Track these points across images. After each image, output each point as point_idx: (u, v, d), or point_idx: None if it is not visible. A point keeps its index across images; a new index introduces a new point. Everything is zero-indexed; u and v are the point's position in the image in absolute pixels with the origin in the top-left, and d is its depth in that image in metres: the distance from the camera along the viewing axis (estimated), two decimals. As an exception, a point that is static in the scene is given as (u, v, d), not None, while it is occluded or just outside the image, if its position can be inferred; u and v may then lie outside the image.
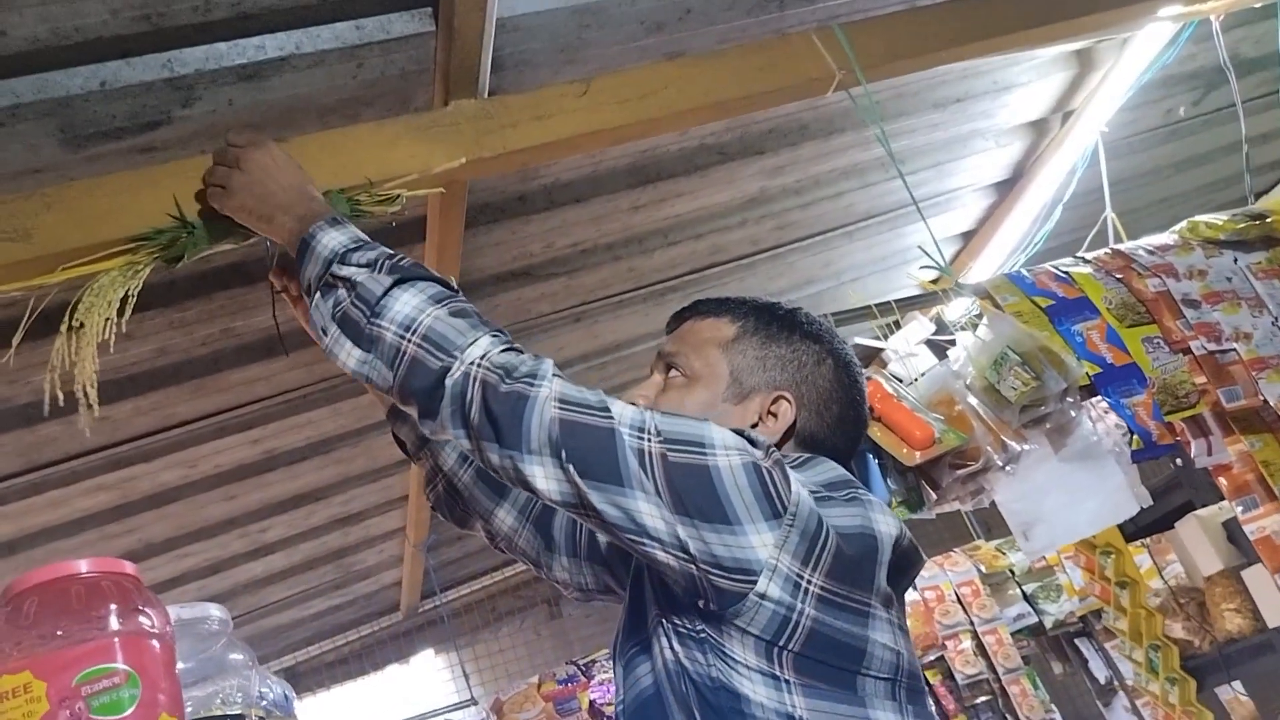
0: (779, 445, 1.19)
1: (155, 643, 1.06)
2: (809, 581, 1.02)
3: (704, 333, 1.26)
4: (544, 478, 1.06)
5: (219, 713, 1.30)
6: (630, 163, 2.57)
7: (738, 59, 2.15)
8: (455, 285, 1.24)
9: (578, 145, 2.03)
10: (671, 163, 2.66)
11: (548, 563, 1.48)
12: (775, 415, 1.20)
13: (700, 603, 1.04)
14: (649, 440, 1.04)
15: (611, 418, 1.06)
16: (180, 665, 1.18)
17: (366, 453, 3.45)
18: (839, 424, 1.23)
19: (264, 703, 1.43)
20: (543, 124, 1.96)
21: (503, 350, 1.13)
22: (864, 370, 2.27)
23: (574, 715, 3.89)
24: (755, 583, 1.00)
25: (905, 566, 1.12)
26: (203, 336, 2.42)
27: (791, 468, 1.09)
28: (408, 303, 1.17)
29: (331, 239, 1.27)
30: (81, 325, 1.64)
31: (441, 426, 1.14)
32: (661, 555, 1.03)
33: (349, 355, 1.20)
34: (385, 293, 1.18)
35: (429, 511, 4.00)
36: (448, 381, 1.11)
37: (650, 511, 1.02)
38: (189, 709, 1.26)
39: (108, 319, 1.65)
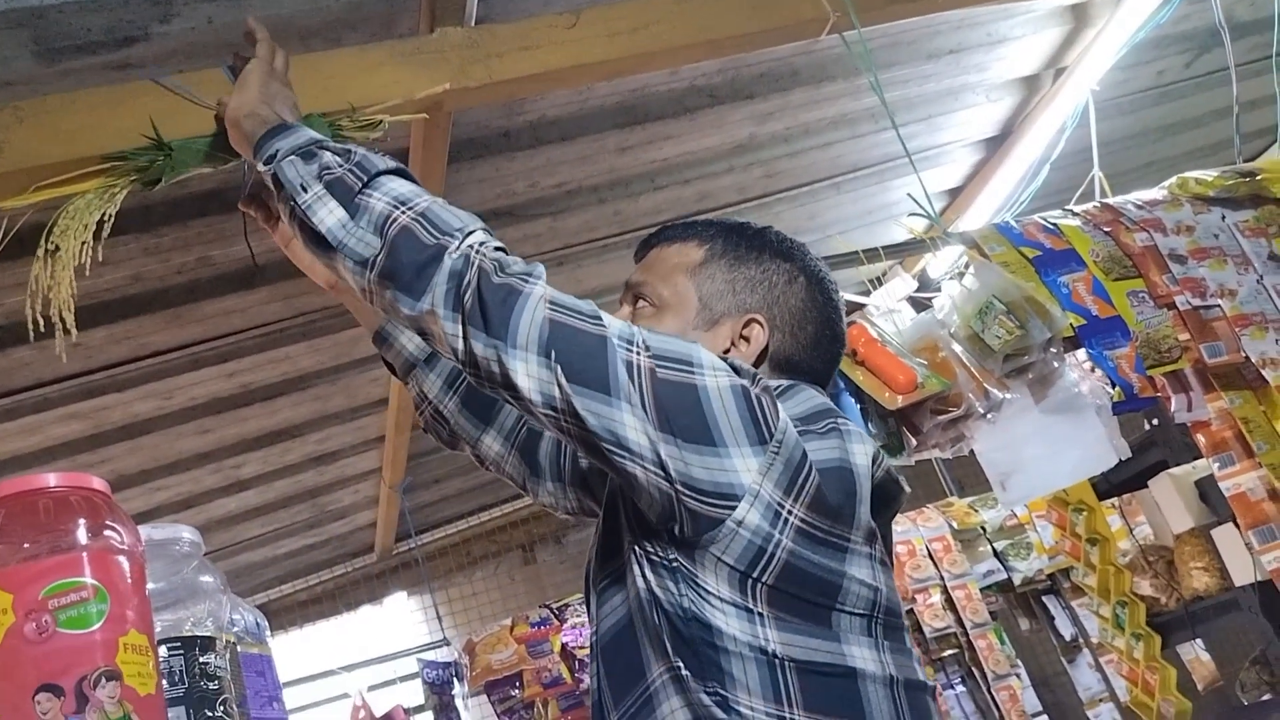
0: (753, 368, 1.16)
1: (124, 559, 1.05)
2: (789, 512, 1.00)
3: (671, 259, 1.23)
4: (527, 375, 1.03)
5: (190, 634, 1.28)
6: (618, 101, 2.53)
7: (731, -4, 2.12)
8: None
9: (565, 78, 2.00)
10: (660, 103, 2.62)
11: (534, 488, 1.48)
12: (747, 339, 1.17)
13: (675, 528, 1.01)
14: (638, 353, 1.02)
15: (604, 325, 1.04)
16: (151, 586, 1.17)
17: (344, 391, 3.43)
18: (814, 344, 1.20)
19: (235, 628, 1.42)
20: (530, 55, 1.92)
21: (496, 246, 1.11)
22: (849, 317, 2.27)
23: (546, 657, 3.92)
24: (734, 508, 0.98)
25: (886, 499, 1.10)
26: (179, 264, 2.38)
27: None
28: (405, 186, 1.14)
29: (315, 135, 1.24)
30: (57, 249, 1.61)
31: (429, 306, 1.08)
32: (639, 472, 1.01)
33: (330, 214, 1.14)
34: (383, 172, 1.15)
35: (405, 453, 3.99)
36: (446, 259, 1.07)
37: (634, 425, 1.00)
38: (158, 630, 1.25)
39: (84, 243, 1.62)
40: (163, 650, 1.18)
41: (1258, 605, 2.41)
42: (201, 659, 1.23)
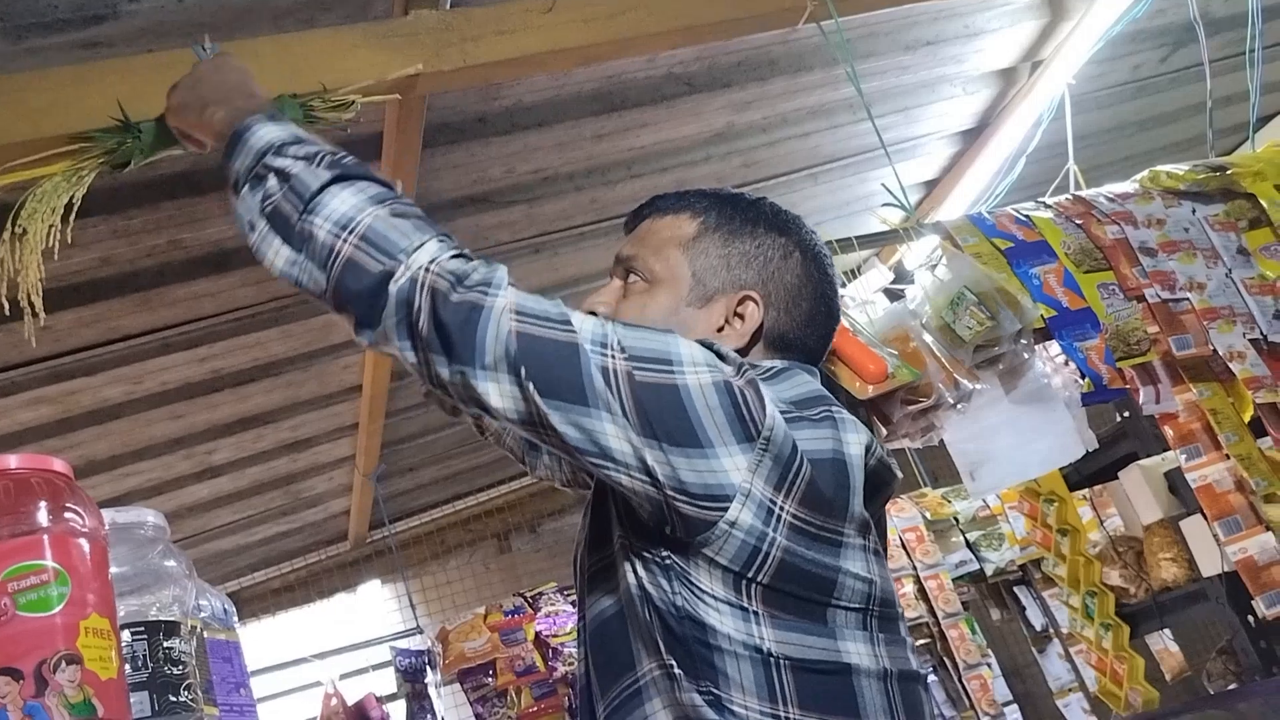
0: (748, 347, 1.14)
1: (85, 542, 1.04)
2: (782, 508, 0.97)
3: (663, 232, 1.18)
4: (499, 395, 0.99)
5: (154, 619, 1.27)
6: (595, 88, 2.52)
7: (708, -17, 2.11)
8: (400, 189, 1.15)
9: (541, 63, 1.99)
10: (637, 91, 2.61)
11: (531, 462, 1.47)
12: (742, 317, 1.13)
13: (667, 529, 0.98)
14: (613, 357, 0.97)
15: (574, 331, 0.98)
16: (115, 570, 1.16)
17: (317, 378, 3.41)
18: (809, 321, 1.16)
19: (202, 614, 1.41)
20: (505, 39, 1.91)
21: (453, 255, 1.04)
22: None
23: (519, 645, 3.92)
24: (726, 510, 0.95)
25: (879, 485, 1.07)
26: (148, 247, 2.35)
27: (762, 380, 1.03)
28: (346, 200, 1.07)
29: (268, 132, 1.16)
30: (25, 232, 1.59)
31: (384, 337, 1.04)
32: (626, 480, 0.98)
33: (277, 254, 1.09)
34: (322, 188, 1.08)
35: (379, 441, 3.98)
36: (392, 287, 1.02)
37: (615, 434, 0.96)
38: (122, 614, 1.24)
39: (51, 226, 1.60)
40: (126, 635, 1.17)
41: (1224, 596, 2.44)
42: (165, 644, 1.22)
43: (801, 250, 1.17)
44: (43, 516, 1.02)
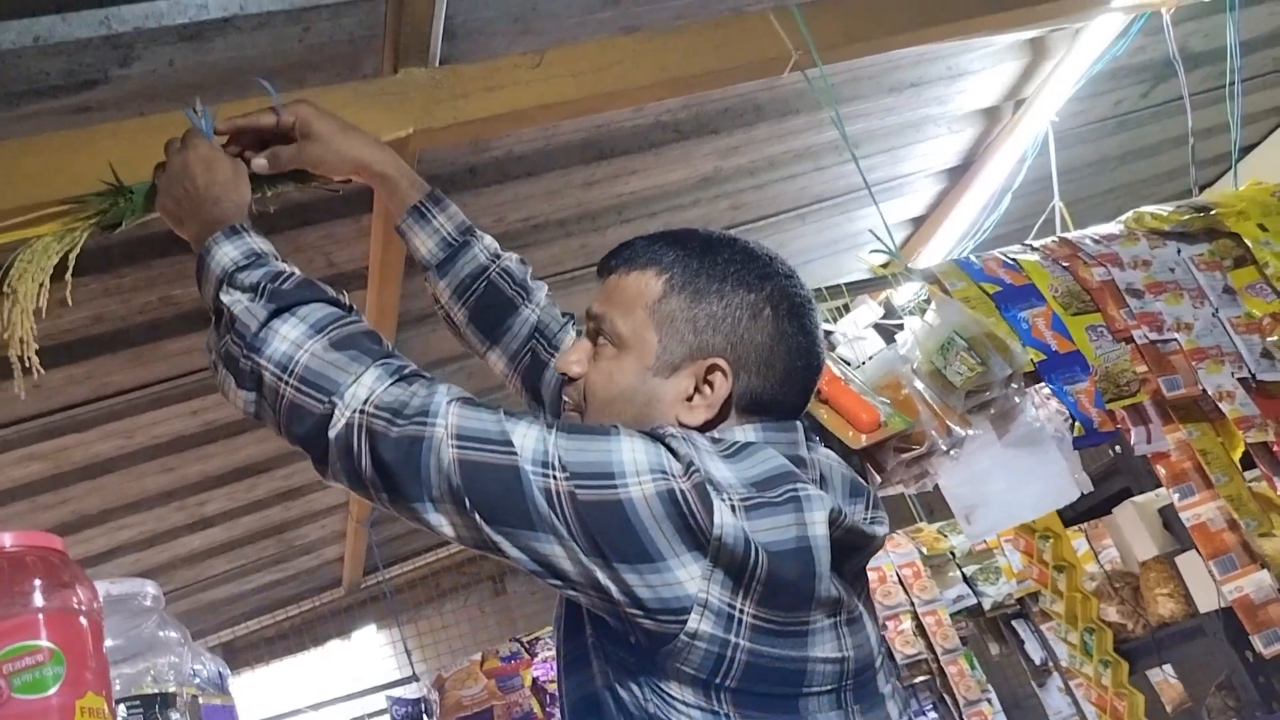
0: (719, 416, 1.08)
1: (82, 619, 1.03)
2: (742, 611, 0.94)
3: (629, 289, 1.12)
4: (450, 525, 0.99)
5: (150, 690, 1.26)
6: (584, 138, 2.54)
7: (694, 35, 2.14)
8: (347, 301, 1.14)
9: (530, 118, 2.01)
10: (626, 139, 2.64)
11: (536, 413, 1.43)
12: (711, 385, 1.07)
13: (632, 639, 0.96)
14: (555, 477, 0.95)
15: (514, 452, 0.96)
16: (110, 642, 1.15)
17: (310, 426, 3.40)
18: (785, 379, 1.09)
19: (197, 680, 1.40)
20: (495, 95, 1.93)
21: (392, 383, 1.02)
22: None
23: (517, 692, 3.89)
24: (685, 621, 0.92)
25: (850, 550, 1.04)
26: (140, 304, 2.36)
27: (723, 457, 0.99)
28: (286, 337, 1.06)
29: (224, 254, 1.14)
30: (15, 291, 1.60)
31: (337, 480, 1.04)
32: (584, 599, 0.97)
33: (236, 395, 1.09)
34: (263, 325, 1.07)
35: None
36: (330, 433, 1.01)
37: (565, 555, 0.94)
38: (117, 687, 1.23)
39: (41, 285, 1.60)
40: (121, 709, 1.16)
41: (1222, 632, 2.44)
42: (161, 716, 1.21)
43: (773, 306, 1.10)
44: (37, 595, 1.01)
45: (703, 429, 1.07)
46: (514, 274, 1.46)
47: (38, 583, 1.01)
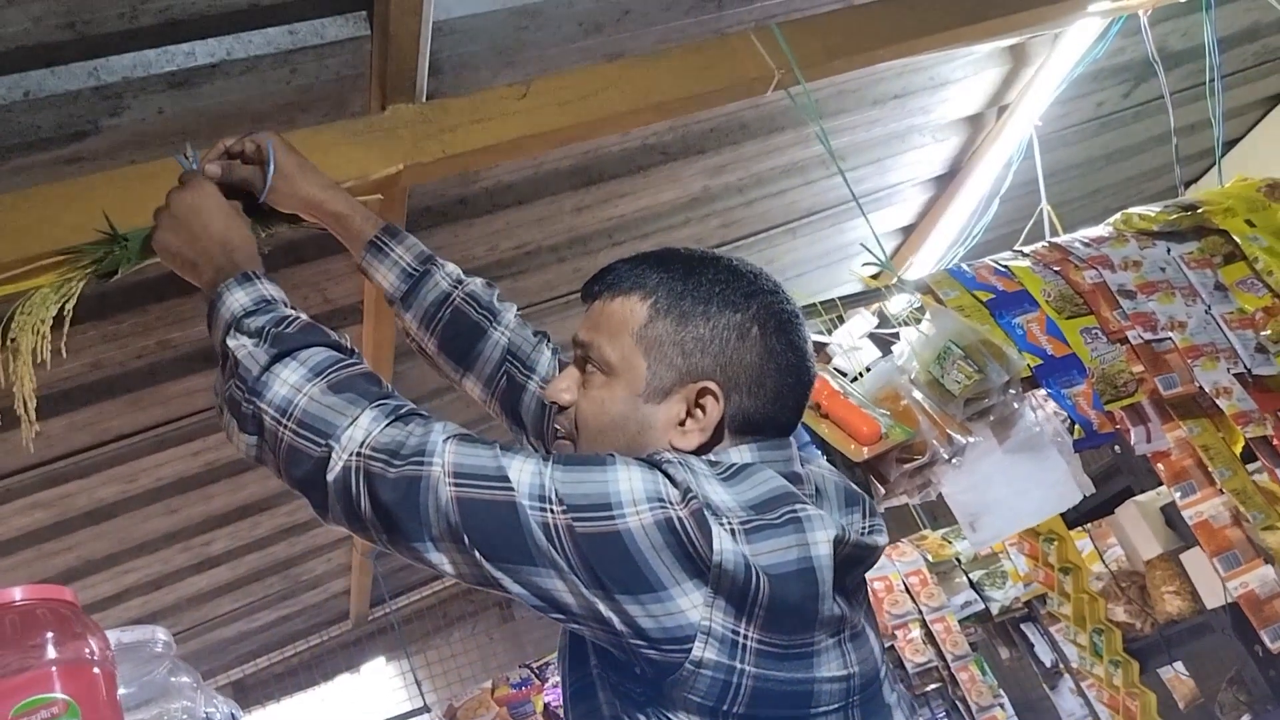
0: (712, 439, 1.08)
1: (96, 670, 1.03)
2: (746, 637, 0.94)
3: (615, 316, 1.11)
4: (451, 564, 0.98)
5: (164, 737, 1.27)
6: (572, 164, 2.56)
7: (677, 59, 2.16)
8: (349, 345, 1.13)
9: (519, 148, 2.02)
10: (614, 163, 2.65)
11: (518, 436, 1.42)
12: (704, 409, 1.07)
13: (637, 670, 0.96)
14: (552, 511, 0.95)
15: (511, 488, 0.96)
16: (122, 690, 1.15)
17: (311, 462, 3.40)
18: (776, 397, 1.09)
19: (210, 724, 1.40)
20: (482, 127, 1.94)
21: (388, 424, 1.03)
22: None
23: (529, 719, 3.88)
24: (689, 651, 0.92)
25: (854, 563, 1.04)
26: (138, 349, 2.36)
27: (721, 480, 0.99)
28: (286, 380, 1.07)
29: (234, 301, 1.14)
30: (15, 343, 1.60)
31: (337, 524, 1.05)
32: (587, 631, 0.97)
33: (239, 439, 1.10)
34: (264, 370, 1.08)
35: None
36: (329, 477, 1.01)
37: (566, 589, 0.94)
38: (133, 736, 1.23)
39: (42, 336, 1.61)
40: (137, 757, 1.16)
41: (1230, 627, 2.44)
42: (177, 763, 1.21)
43: (760, 325, 1.09)
44: (51, 649, 1.02)
45: (697, 452, 1.07)
46: (479, 298, 1.42)
47: (50, 635, 1.02)
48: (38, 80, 1.57)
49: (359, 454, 1.01)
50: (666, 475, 0.97)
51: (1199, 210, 2.31)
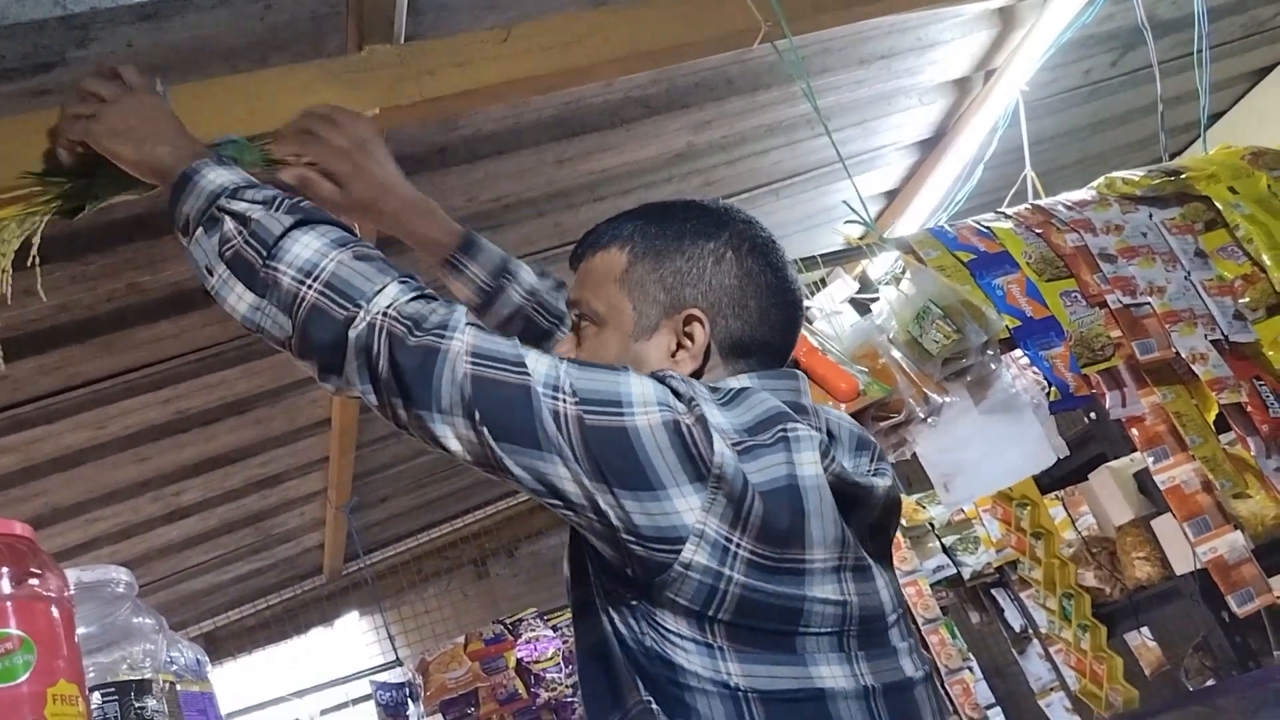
0: (704, 364, 1.11)
1: (53, 608, 1.02)
2: (738, 545, 0.96)
3: (598, 270, 1.16)
4: (455, 438, 1.00)
5: (125, 678, 1.25)
6: (554, 115, 2.52)
7: (663, 8, 2.12)
8: (357, 232, 1.15)
9: (498, 94, 1.98)
10: (596, 115, 2.61)
11: None
12: (691, 336, 1.11)
13: (628, 570, 0.99)
14: (564, 400, 0.98)
15: (527, 373, 0.99)
16: (84, 630, 1.13)
17: (285, 413, 3.37)
18: (763, 317, 1.12)
19: (174, 667, 1.39)
20: (461, 71, 1.90)
21: (412, 298, 1.05)
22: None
23: (501, 674, 3.89)
24: (680, 551, 0.95)
25: (850, 502, 1.03)
26: (107, 292, 2.32)
27: (720, 405, 1.01)
28: (309, 245, 1.08)
29: (219, 175, 1.15)
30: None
31: (347, 383, 1.06)
32: (582, 521, 0.99)
33: (239, 300, 1.10)
34: (284, 233, 1.08)
35: (350, 474, 3.94)
36: (351, 333, 1.03)
37: (568, 477, 0.97)
38: (92, 675, 1.21)
39: (4, 272, 1.58)
40: (96, 697, 1.15)
41: (1198, 593, 2.46)
42: (138, 704, 1.20)
43: (734, 249, 1.13)
44: (4, 584, 1.00)
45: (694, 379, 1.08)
46: (549, 307, 1.46)
47: (4, 571, 1.00)
48: (2, 8, 1.52)
49: (385, 314, 1.03)
50: (672, 389, 1.00)
51: (1182, 176, 2.30)
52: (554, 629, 4.19)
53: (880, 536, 1.12)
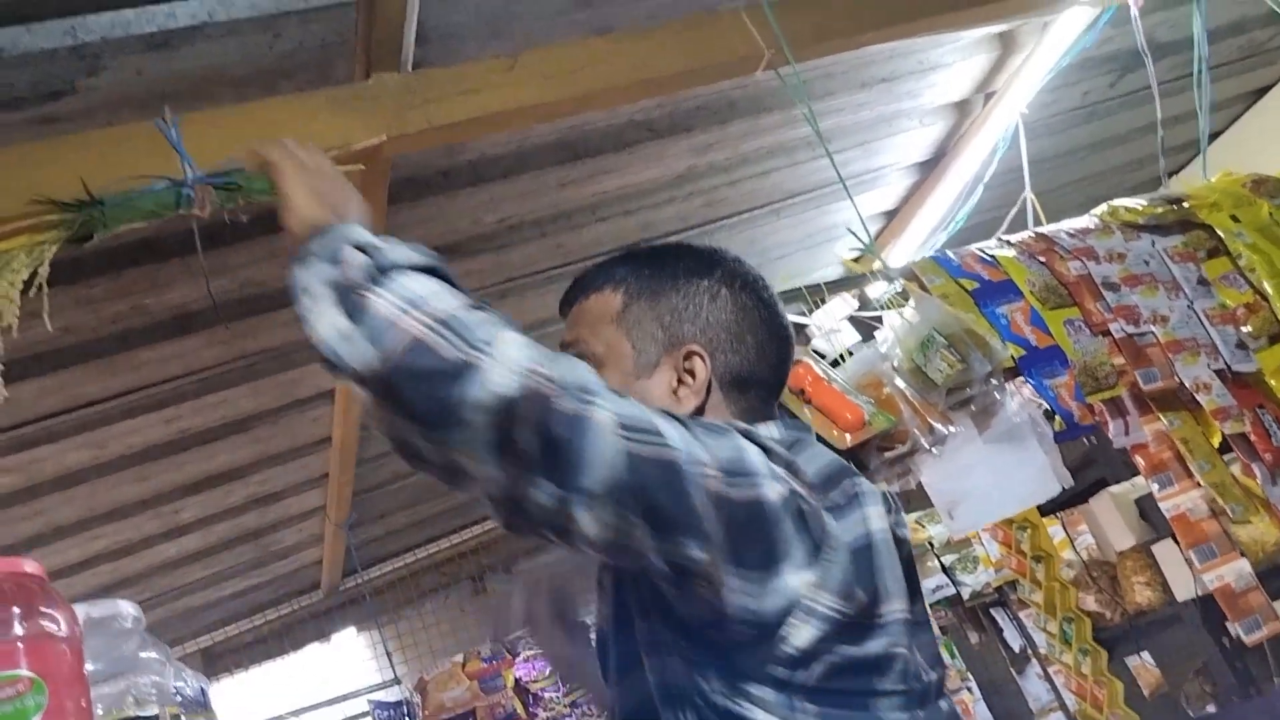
0: (706, 400, 1.09)
1: (63, 646, 1.02)
2: (837, 612, 0.93)
3: (593, 311, 1.15)
4: (600, 523, 0.88)
5: (131, 713, 1.25)
6: (558, 139, 2.53)
7: (667, 36, 2.13)
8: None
9: (504, 121, 1.99)
10: (599, 139, 2.62)
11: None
12: (691, 372, 1.09)
13: (714, 635, 0.94)
14: (709, 473, 0.89)
15: (668, 444, 0.89)
16: (90, 665, 1.13)
17: (285, 431, 3.37)
18: (759, 352, 1.12)
19: (179, 699, 1.39)
20: (468, 99, 1.91)
21: (534, 349, 0.91)
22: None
23: (499, 693, 3.88)
24: (783, 624, 0.91)
25: (909, 560, 1.05)
26: (112, 314, 2.32)
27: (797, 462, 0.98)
28: (426, 284, 0.94)
29: (364, 232, 1.02)
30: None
31: (461, 446, 0.88)
32: (684, 595, 0.93)
33: (326, 322, 0.92)
34: (401, 269, 0.94)
35: (350, 490, 3.93)
36: (482, 383, 0.86)
37: (705, 560, 0.89)
38: (99, 709, 1.21)
39: (11, 301, 1.59)
40: (105, 735, 1.15)
41: (1199, 619, 2.46)
42: (145, 739, 1.20)
43: (727, 285, 1.14)
44: (16, 624, 1.00)
45: (696, 414, 1.08)
46: None
47: (15, 610, 1.00)
48: (13, 37, 1.53)
49: (528, 368, 0.88)
50: (765, 449, 0.96)
51: (1185, 204, 2.31)
52: (553, 647, 4.17)
53: (919, 591, 1.12)
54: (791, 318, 2.36)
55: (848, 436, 1.71)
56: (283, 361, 2.90)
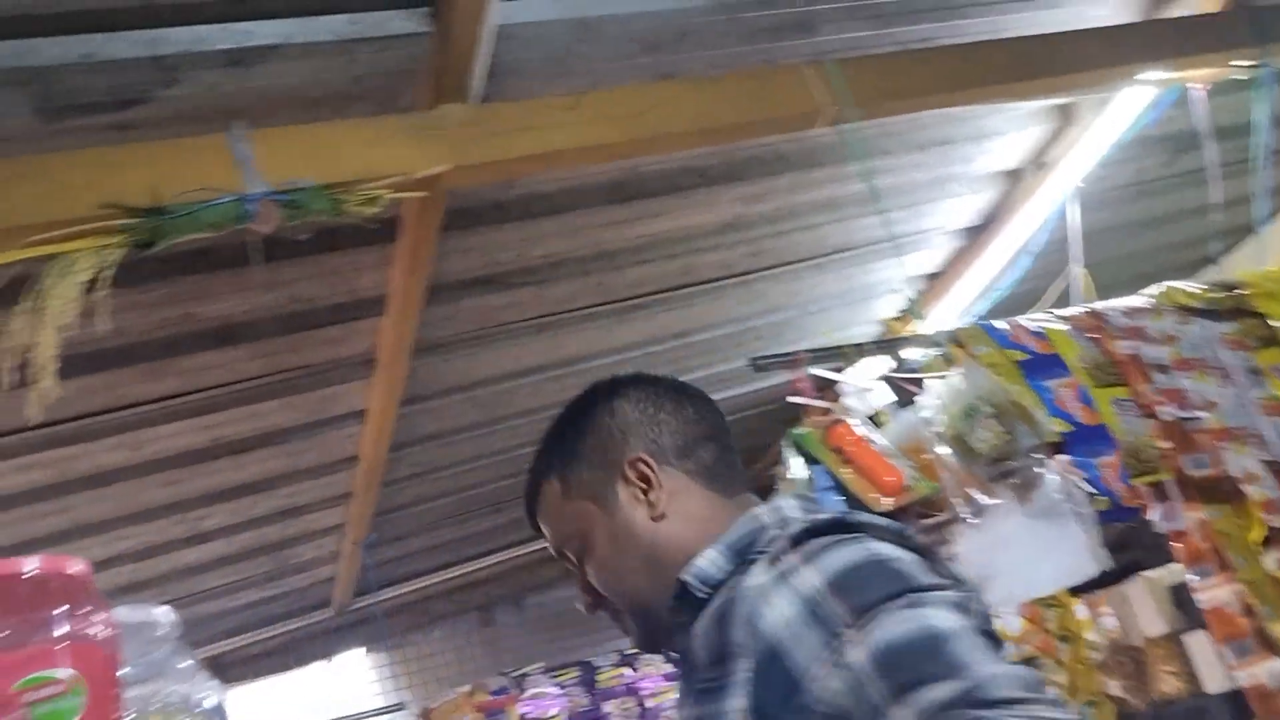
0: (679, 485, 1.12)
1: (102, 649, 1.02)
2: None
3: (550, 509, 1.19)
4: None
5: (158, 721, 1.25)
6: (611, 179, 2.55)
7: (730, 85, 2.15)
8: None
9: (564, 159, 2.00)
10: (652, 181, 2.64)
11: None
12: (645, 479, 1.12)
13: None
14: None
15: None
16: (122, 670, 1.13)
17: (317, 447, 3.38)
18: (680, 417, 1.16)
19: (199, 711, 1.39)
20: (531, 135, 1.93)
21: None
22: (819, 402, 2.24)
23: (504, 728, 3.85)
24: None
25: None
26: (161, 319, 2.35)
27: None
28: None
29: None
30: (44, 305, 1.61)
31: None
32: None
33: None
34: None
35: (372, 509, 3.94)
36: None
37: None
38: (132, 715, 1.21)
39: (73, 301, 1.62)
40: (133, 741, 1.15)
41: (1229, 714, 2.41)
42: (171, 750, 1.19)
43: (614, 398, 1.18)
44: (59, 623, 1.00)
45: (689, 518, 1.10)
46: None
47: (59, 610, 1.00)
48: (97, 44, 1.56)
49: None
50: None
51: (1241, 291, 2.29)
52: (560, 686, 4.14)
53: None
54: (823, 372, 2.35)
55: (889, 501, 1.69)
56: (320, 379, 2.92)
